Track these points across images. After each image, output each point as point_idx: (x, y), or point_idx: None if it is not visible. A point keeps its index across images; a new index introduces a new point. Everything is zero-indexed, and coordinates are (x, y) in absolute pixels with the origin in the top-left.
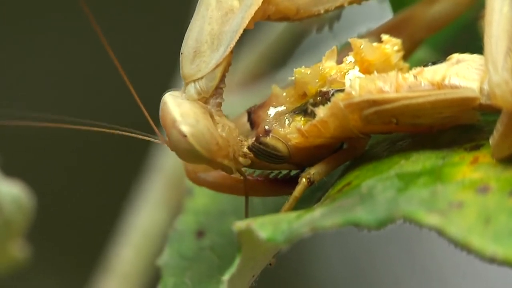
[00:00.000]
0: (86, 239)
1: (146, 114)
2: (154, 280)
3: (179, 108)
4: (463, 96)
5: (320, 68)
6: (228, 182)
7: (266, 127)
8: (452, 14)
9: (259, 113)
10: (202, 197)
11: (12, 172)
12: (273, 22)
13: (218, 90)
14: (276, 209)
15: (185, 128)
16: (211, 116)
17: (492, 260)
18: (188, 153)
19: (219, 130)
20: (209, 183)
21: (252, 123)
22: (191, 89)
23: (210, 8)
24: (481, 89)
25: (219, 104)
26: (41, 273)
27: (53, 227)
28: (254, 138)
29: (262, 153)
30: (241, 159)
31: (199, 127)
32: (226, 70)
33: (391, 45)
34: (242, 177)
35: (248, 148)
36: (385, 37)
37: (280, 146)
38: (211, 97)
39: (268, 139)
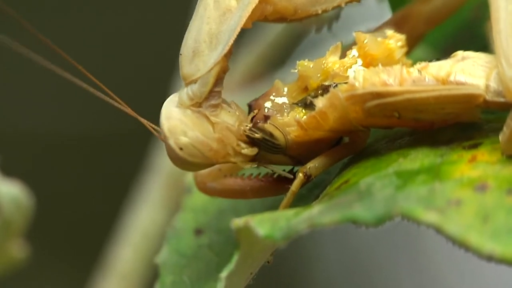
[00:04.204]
0: (85, 239)
1: (138, 116)
2: (153, 280)
3: (168, 122)
4: (468, 93)
5: (323, 62)
6: (238, 188)
7: (265, 113)
8: (450, 8)
9: (259, 102)
10: (201, 195)
11: (11, 172)
12: (271, 23)
13: (212, 94)
14: (275, 207)
15: (173, 143)
16: (207, 119)
17: (489, 258)
18: (183, 164)
19: (216, 130)
20: (219, 191)
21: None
22: (184, 95)
23: (208, 8)
24: (487, 86)
25: (215, 105)
26: (40, 273)
27: (52, 227)
28: (251, 124)
29: (258, 140)
30: (244, 150)
31: (188, 138)
32: (222, 73)
33: (395, 40)
34: (252, 180)
35: (245, 133)
36: (389, 32)
37: (277, 134)
38: (205, 101)
39: (266, 125)
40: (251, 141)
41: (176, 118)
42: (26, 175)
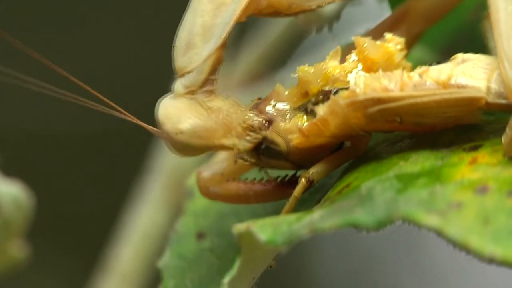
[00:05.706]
0: (85, 239)
1: (129, 116)
2: (154, 280)
3: (163, 111)
4: (469, 96)
5: (324, 67)
6: (241, 193)
7: (266, 119)
8: (448, 5)
9: (261, 107)
10: (202, 199)
11: (12, 172)
12: (265, 17)
13: (207, 82)
14: (276, 211)
15: (170, 128)
16: (201, 104)
17: (490, 260)
18: (182, 149)
19: (212, 115)
20: (222, 196)
21: None
22: (178, 85)
23: (202, 1)
24: (488, 88)
25: (210, 91)
26: (40, 274)
27: (52, 227)
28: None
29: (260, 146)
30: (248, 137)
31: (183, 122)
32: (217, 64)
33: (394, 43)
34: (252, 183)
35: (247, 121)
36: (388, 35)
37: (279, 140)
38: (199, 88)
39: (267, 132)
40: (252, 130)
41: (170, 106)
42: (26, 175)
